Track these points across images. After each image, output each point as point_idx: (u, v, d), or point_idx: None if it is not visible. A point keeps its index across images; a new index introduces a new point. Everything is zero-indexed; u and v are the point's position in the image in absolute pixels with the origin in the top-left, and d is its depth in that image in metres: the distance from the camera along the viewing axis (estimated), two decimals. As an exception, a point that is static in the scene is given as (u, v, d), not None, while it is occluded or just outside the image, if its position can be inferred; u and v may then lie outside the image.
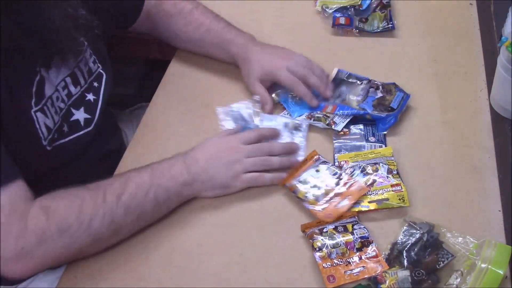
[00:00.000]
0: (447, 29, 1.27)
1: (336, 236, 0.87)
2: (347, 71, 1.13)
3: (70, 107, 0.98)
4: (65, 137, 0.96)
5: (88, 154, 1.03)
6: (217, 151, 0.96)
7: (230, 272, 0.87)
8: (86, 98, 1.01)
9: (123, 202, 0.86)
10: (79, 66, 1.00)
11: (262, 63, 1.10)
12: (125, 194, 0.87)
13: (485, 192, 0.95)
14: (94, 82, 1.03)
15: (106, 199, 0.86)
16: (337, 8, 1.31)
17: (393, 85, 1.10)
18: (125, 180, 0.89)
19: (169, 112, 1.13)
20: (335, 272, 0.83)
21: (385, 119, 1.04)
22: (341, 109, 1.06)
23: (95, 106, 1.03)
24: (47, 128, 0.92)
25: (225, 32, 1.15)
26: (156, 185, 0.89)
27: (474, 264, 0.81)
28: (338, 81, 1.12)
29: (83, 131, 1.00)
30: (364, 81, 1.11)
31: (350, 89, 1.11)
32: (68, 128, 0.97)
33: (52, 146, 0.93)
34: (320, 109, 1.09)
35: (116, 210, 0.86)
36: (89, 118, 1.01)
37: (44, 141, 0.92)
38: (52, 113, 0.93)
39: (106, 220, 0.85)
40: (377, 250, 0.85)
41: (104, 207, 0.85)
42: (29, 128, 0.89)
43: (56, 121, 0.94)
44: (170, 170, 0.92)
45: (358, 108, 1.07)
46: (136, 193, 0.88)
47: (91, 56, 1.03)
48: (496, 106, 1.03)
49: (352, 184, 0.94)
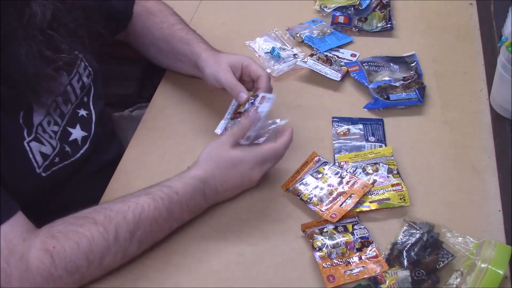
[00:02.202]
0: (447, 29, 1.27)
1: (336, 236, 0.87)
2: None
3: (66, 127, 0.96)
4: (68, 159, 0.95)
5: (84, 170, 1.01)
6: (238, 184, 0.94)
7: (230, 272, 0.87)
8: (78, 114, 0.99)
9: (137, 238, 0.83)
10: (72, 83, 0.97)
11: (229, 55, 1.06)
12: (140, 230, 0.83)
13: (485, 192, 0.95)
14: (84, 97, 1.01)
15: (118, 236, 0.81)
16: (337, 7, 1.31)
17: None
18: (139, 213, 0.84)
19: (169, 112, 1.13)
20: (335, 272, 0.83)
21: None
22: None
23: (89, 120, 1.01)
24: (43, 155, 0.90)
25: (193, 35, 1.14)
26: (173, 219, 0.88)
27: (474, 264, 0.81)
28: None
29: (81, 150, 0.98)
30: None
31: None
32: (70, 149, 0.96)
33: (51, 170, 0.92)
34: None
35: (129, 246, 0.83)
36: (86, 135, 1.00)
37: (39, 169, 0.90)
38: (47, 139, 0.91)
39: (119, 256, 0.83)
40: (377, 250, 0.85)
41: (116, 245, 0.81)
42: (22, 159, 0.87)
43: (54, 145, 0.92)
44: (189, 204, 0.89)
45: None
46: (151, 229, 0.85)
47: (85, 70, 1.01)
48: (496, 106, 1.03)
49: (355, 182, 0.94)
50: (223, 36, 1.28)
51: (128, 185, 1.00)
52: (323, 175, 0.97)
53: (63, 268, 0.78)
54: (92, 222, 0.81)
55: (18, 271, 0.76)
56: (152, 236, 0.86)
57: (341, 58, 1.20)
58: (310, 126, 1.08)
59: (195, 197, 0.89)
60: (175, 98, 1.16)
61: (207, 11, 1.38)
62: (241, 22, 1.34)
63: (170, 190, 0.87)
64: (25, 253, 0.77)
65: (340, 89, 1.15)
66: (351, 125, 1.06)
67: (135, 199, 0.85)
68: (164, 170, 1.02)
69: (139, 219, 0.83)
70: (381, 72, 1.15)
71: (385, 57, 1.18)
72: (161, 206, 0.85)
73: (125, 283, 0.86)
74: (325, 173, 0.97)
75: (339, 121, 1.07)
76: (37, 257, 0.77)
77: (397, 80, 1.13)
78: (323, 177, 0.96)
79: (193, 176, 0.89)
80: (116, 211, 0.83)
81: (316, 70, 1.16)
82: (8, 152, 0.85)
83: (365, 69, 1.15)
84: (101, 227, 0.81)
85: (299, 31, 1.26)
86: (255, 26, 1.31)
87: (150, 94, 1.18)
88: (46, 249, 0.78)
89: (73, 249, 0.78)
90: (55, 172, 0.93)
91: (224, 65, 1.03)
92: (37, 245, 0.78)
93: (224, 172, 0.91)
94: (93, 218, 0.82)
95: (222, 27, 1.32)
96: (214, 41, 1.14)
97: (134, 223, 0.83)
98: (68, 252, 0.78)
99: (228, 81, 1.01)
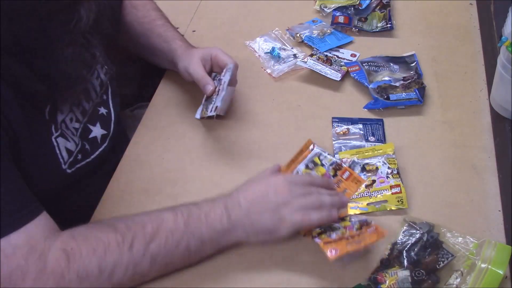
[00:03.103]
0: (447, 29, 1.27)
1: (335, 225, 0.86)
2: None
3: (87, 124, 0.97)
4: (89, 157, 0.96)
5: (103, 169, 1.02)
6: (263, 193, 0.85)
7: (230, 272, 0.87)
8: (99, 112, 1.01)
9: (151, 252, 0.80)
10: (91, 81, 0.99)
11: (201, 49, 1.11)
12: (155, 242, 0.80)
13: (485, 192, 0.95)
14: (103, 95, 1.03)
15: (133, 246, 0.79)
16: (337, 7, 1.32)
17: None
18: (157, 224, 0.81)
19: (169, 112, 1.13)
20: (336, 245, 0.82)
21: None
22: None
23: (109, 119, 1.03)
24: (68, 151, 0.91)
25: (172, 32, 1.16)
26: (190, 233, 0.82)
27: (474, 264, 0.81)
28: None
29: (101, 148, 0.99)
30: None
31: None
32: (90, 146, 0.96)
33: (75, 167, 0.93)
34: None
35: (141, 261, 0.80)
36: (105, 133, 1.01)
37: (64, 165, 0.91)
38: (70, 136, 0.92)
39: (129, 271, 0.79)
40: (377, 227, 0.84)
41: (129, 257, 0.79)
42: (50, 155, 0.88)
43: (77, 142, 0.93)
44: (208, 216, 0.83)
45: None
46: (166, 242, 0.80)
47: (102, 68, 1.03)
48: (496, 106, 1.03)
49: (350, 175, 0.93)
50: (223, 36, 1.28)
51: (128, 185, 1.00)
52: (318, 166, 0.96)
53: (75, 272, 0.76)
54: (113, 230, 0.80)
55: (35, 269, 0.75)
56: (166, 253, 0.81)
57: (341, 58, 1.20)
58: (310, 126, 1.08)
59: (214, 207, 0.84)
60: (175, 98, 1.16)
61: (207, 11, 1.38)
62: (241, 22, 1.34)
63: (194, 205, 0.85)
64: (45, 252, 0.76)
65: (340, 89, 1.15)
66: (350, 125, 1.06)
67: (159, 212, 0.84)
68: (164, 170, 1.02)
69: (156, 230, 0.81)
70: (381, 72, 1.15)
71: (385, 57, 1.18)
72: (179, 219, 0.82)
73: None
74: (320, 163, 0.95)
75: (338, 121, 1.07)
76: (55, 256, 0.76)
77: (397, 80, 1.13)
78: (317, 167, 0.96)
79: (220, 195, 0.87)
80: (137, 222, 0.82)
81: (316, 70, 1.16)
82: (37, 147, 0.86)
83: (365, 69, 1.15)
84: (119, 235, 0.79)
85: (299, 31, 1.26)
86: (255, 26, 1.31)
87: (150, 94, 1.18)
88: (65, 249, 0.77)
89: (89, 253, 0.77)
90: (79, 169, 0.94)
91: (195, 59, 1.07)
92: (58, 244, 0.77)
93: (251, 183, 0.86)
94: (114, 226, 0.81)
95: (222, 27, 1.32)
96: (214, 41, 1.14)
97: (151, 234, 0.80)
98: (83, 256, 0.77)
99: (196, 73, 1.06)
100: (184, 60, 1.09)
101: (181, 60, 1.10)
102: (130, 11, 1.17)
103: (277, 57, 1.21)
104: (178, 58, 1.10)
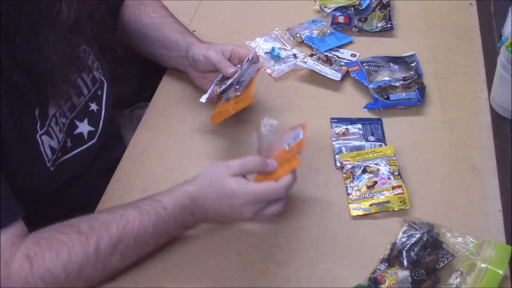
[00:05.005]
0: (447, 29, 1.27)
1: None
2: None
3: (74, 120, 0.97)
4: (68, 153, 0.95)
5: (93, 168, 1.01)
6: (227, 213, 0.85)
7: (230, 272, 0.87)
8: (89, 108, 1.00)
9: (120, 252, 0.81)
10: (82, 76, 0.98)
11: (219, 44, 1.11)
12: (122, 244, 0.81)
13: (485, 192, 0.95)
14: (98, 91, 1.03)
15: (99, 248, 0.79)
16: (337, 7, 1.31)
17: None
18: (123, 225, 0.82)
19: (169, 112, 1.13)
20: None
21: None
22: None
23: (98, 116, 1.02)
24: (52, 149, 0.90)
25: (185, 28, 1.17)
26: (159, 234, 0.85)
27: (474, 264, 0.81)
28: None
29: (86, 145, 0.98)
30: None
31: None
32: (71, 142, 0.96)
33: (55, 164, 0.92)
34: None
35: (110, 259, 0.81)
36: (93, 130, 1.00)
37: (48, 163, 0.90)
38: (56, 133, 0.91)
39: (99, 268, 0.80)
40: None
41: (96, 258, 0.79)
42: (35, 153, 0.87)
43: (60, 139, 0.93)
44: (177, 220, 0.85)
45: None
46: (134, 243, 0.82)
47: (93, 63, 1.02)
48: (496, 106, 1.03)
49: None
50: (223, 36, 1.28)
51: (128, 185, 1.00)
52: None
53: (39, 277, 0.76)
54: (76, 232, 0.80)
55: (1, 276, 0.75)
56: (137, 250, 0.84)
57: (341, 58, 1.20)
58: (310, 126, 1.07)
59: (183, 214, 0.85)
60: (175, 98, 1.16)
61: (207, 11, 1.38)
62: (241, 22, 1.34)
63: (159, 205, 0.84)
64: (10, 259, 0.76)
65: (340, 89, 1.15)
66: (349, 125, 1.06)
67: (123, 211, 0.84)
68: (164, 170, 1.02)
69: (122, 232, 0.81)
70: (381, 72, 1.15)
71: (385, 57, 1.18)
72: (146, 221, 0.83)
73: (125, 283, 0.86)
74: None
75: (337, 122, 1.07)
76: (18, 263, 0.76)
77: (397, 80, 1.13)
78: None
79: (184, 192, 0.86)
80: (101, 222, 0.82)
81: (316, 70, 1.16)
82: (23, 145, 0.85)
83: (365, 69, 1.15)
84: (83, 237, 0.79)
85: (299, 31, 1.26)
86: (255, 26, 1.31)
87: (150, 94, 1.18)
88: (28, 255, 0.77)
89: (52, 258, 0.77)
90: (60, 165, 0.93)
91: (215, 47, 1.08)
92: (21, 250, 0.77)
93: (216, 197, 0.85)
94: (78, 227, 0.80)
95: (222, 27, 1.32)
96: (214, 41, 1.14)
97: (117, 235, 0.81)
98: (47, 261, 0.77)
99: (218, 57, 1.05)
100: (202, 48, 1.09)
101: (199, 48, 1.09)
102: (137, 7, 1.17)
103: (277, 57, 1.21)
104: (196, 47, 1.10)
